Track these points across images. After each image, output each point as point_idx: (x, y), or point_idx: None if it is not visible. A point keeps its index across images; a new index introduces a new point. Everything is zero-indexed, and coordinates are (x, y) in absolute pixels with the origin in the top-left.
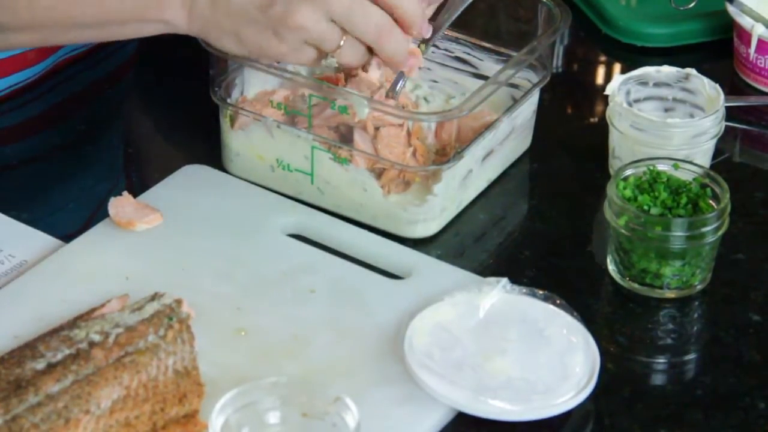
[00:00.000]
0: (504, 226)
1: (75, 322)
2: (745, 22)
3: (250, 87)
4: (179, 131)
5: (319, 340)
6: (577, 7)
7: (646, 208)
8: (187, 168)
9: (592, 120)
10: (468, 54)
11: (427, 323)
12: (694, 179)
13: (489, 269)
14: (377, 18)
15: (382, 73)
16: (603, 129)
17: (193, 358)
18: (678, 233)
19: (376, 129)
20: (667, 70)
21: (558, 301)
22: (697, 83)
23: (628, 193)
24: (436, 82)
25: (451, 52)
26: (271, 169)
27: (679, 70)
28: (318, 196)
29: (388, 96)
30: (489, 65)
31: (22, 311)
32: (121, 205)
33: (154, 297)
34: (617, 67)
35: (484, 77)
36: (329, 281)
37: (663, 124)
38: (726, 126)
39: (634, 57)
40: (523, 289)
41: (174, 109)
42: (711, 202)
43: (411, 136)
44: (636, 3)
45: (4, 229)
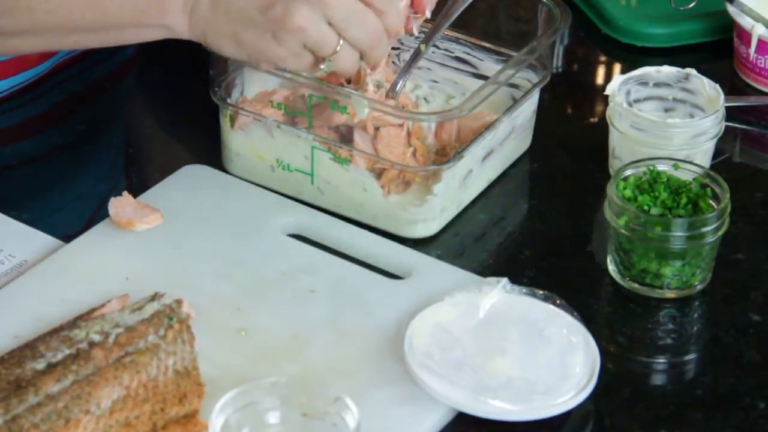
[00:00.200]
0: (504, 226)
1: (75, 322)
2: (745, 22)
3: (250, 87)
4: (179, 131)
5: (319, 340)
6: (577, 7)
7: (646, 208)
8: (187, 168)
9: (592, 120)
10: (468, 54)
11: (427, 323)
12: (694, 179)
13: (489, 269)
14: (373, 24)
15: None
16: (603, 129)
17: (193, 358)
18: (678, 233)
19: (376, 129)
20: (667, 70)
21: (558, 301)
22: (697, 83)
23: (628, 193)
24: (436, 82)
25: (451, 52)
26: (271, 169)
27: (679, 70)
28: (318, 196)
29: (388, 96)
30: (489, 65)
31: (22, 311)
32: (121, 205)
33: (154, 297)
34: (617, 67)
35: (484, 77)
36: (329, 281)
37: (663, 124)
38: (726, 126)
39: (634, 57)
40: (523, 289)
41: (174, 109)
42: (711, 202)
43: (411, 136)
44: (636, 3)
45: (4, 229)
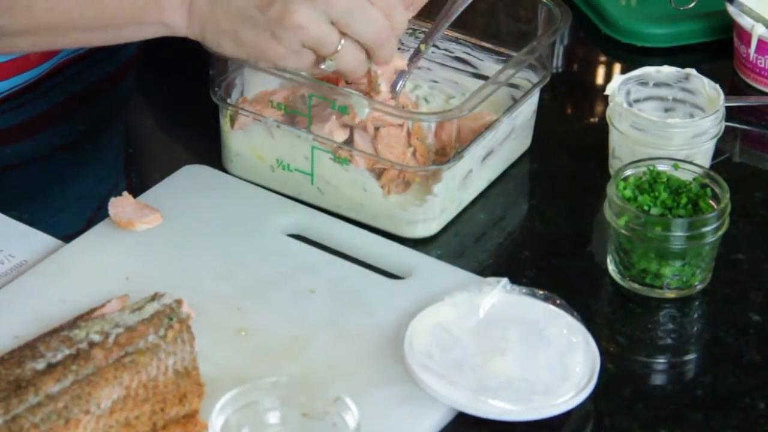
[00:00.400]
0: (504, 226)
1: (75, 322)
2: (745, 22)
3: (250, 87)
4: (179, 131)
5: (319, 340)
6: (577, 7)
7: (646, 208)
8: (187, 168)
9: (592, 120)
10: (468, 54)
11: (427, 323)
12: (694, 179)
13: (489, 269)
14: (378, 21)
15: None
16: (603, 129)
17: (193, 358)
18: (678, 233)
19: (376, 129)
20: (667, 70)
21: (558, 301)
22: (697, 83)
23: (628, 193)
24: (436, 82)
25: (451, 52)
26: (271, 169)
27: (679, 70)
28: (318, 196)
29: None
30: (489, 65)
31: (22, 311)
32: (121, 205)
33: (154, 297)
34: (617, 67)
35: (484, 77)
36: (329, 281)
37: (663, 124)
38: (726, 126)
39: (634, 57)
40: (523, 289)
41: (174, 109)
42: (711, 202)
43: (411, 136)
44: (636, 3)
45: (4, 229)
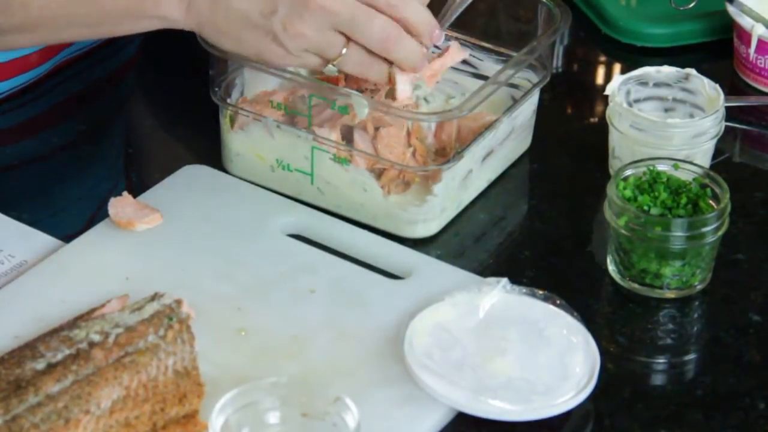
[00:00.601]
0: (504, 226)
1: (75, 322)
2: (745, 22)
3: (250, 87)
4: (179, 131)
5: (319, 340)
6: (577, 7)
7: (646, 208)
8: (187, 168)
9: (592, 120)
10: (468, 54)
11: (427, 323)
12: (694, 179)
13: (489, 269)
14: (382, 25)
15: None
16: (603, 129)
17: (193, 358)
18: (678, 233)
19: (376, 129)
20: (667, 70)
21: (558, 301)
22: (697, 83)
23: (628, 193)
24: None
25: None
26: (271, 169)
27: (679, 70)
28: (318, 196)
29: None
30: (489, 65)
31: (22, 311)
32: (121, 205)
33: (154, 297)
34: (617, 67)
35: (484, 77)
36: (329, 281)
37: (663, 125)
38: (726, 126)
39: (634, 57)
40: (523, 289)
41: (174, 110)
42: (711, 202)
43: (411, 136)
44: (636, 3)
45: (4, 229)
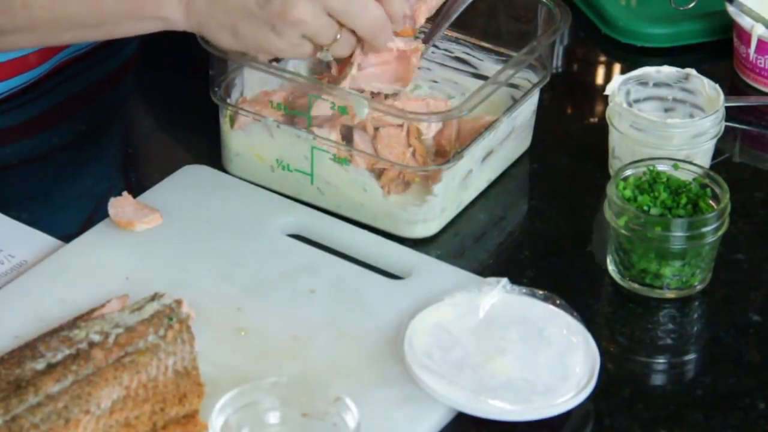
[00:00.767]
0: (504, 226)
1: (75, 322)
2: (745, 22)
3: (250, 87)
4: (179, 131)
5: (319, 340)
6: (577, 7)
7: (646, 208)
8: (187, 168)
9: (592, 120)
10: (468, 54)
11: (427, 323)
12: (694, 179)
13: (489, 269)
14: (374, 11)
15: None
16: (603, 129)
17: (193, 358)
18: (678, 233)
19: (376, 129)
20: (667, 70)
21: (558, 301)
22: (697, 83)
23: (628, 193)
24: (436, 82)
25: (451, 52)
26: (271, 169)
27: (679, 70)
28: (318, 196)
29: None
30: (489, 65)
31: (22, 311)
32: (121, 205)
33: (154, 297)
34: (617, 67)
35: (484, 77)
36: (329, 281)
37: (663, 125)
38: (726, 126)
39: (634, 57)
40: (523, 289)
41: (174, 110)
42: (711, 202)
43: (410, 136)
44: (636, 3)
45: (4, 229)
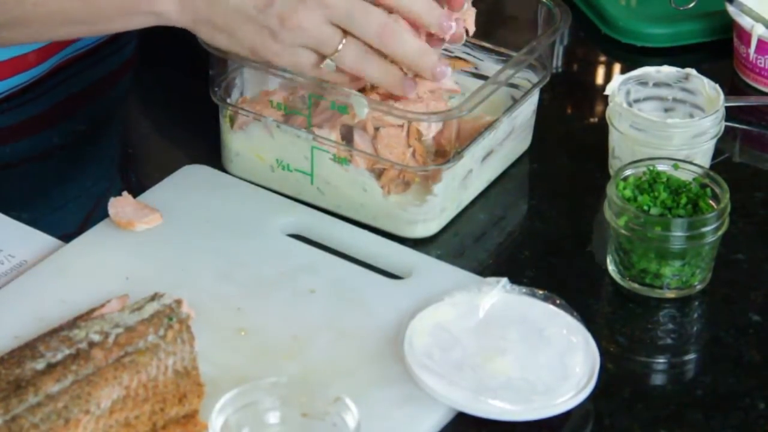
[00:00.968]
0: (504, 226)
1: (75, 322)
2: (745, 22)
3: (250, 87)
4: (179, 131)
5: (319, 340)
6: (577, 7)
7: (645, 208)
8: (187, 168)
9: (592, 120)
10: (468, 54)
11: (427, 323)
12: (694, 179)
13: (489, 269)
14: (378, 18)
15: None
16: (603, 129)
17: (193, 358)
18: (678, 233)
19: (376, 129)
20: (667, 70)
21: (558, 301)
22: (697, 83)
23: (628, 193)
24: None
25: (451, 52)
26: (271, 169)
27: (679, 70)
28: (318, 196)
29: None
30: (489, 65)
31: (22, 311)
32: (120, 205)
33: (154, 297)
34: (617, 67)
35: (484, 77)
36: (329, 281)
37: (663, 125)
38: (726, 126)
39: (634, 57)
40: (523, 289)
41: (174, 109)
42: (711, 202)
43: (410, 136)
44: (636, 3)
45: (4, 229)
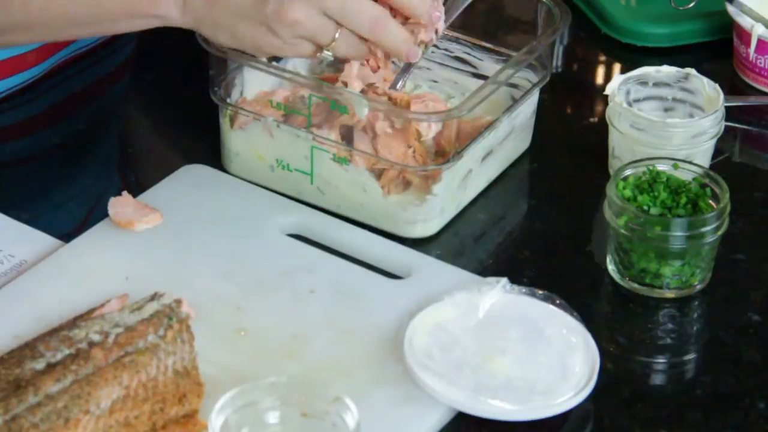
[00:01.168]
0: (504, 226)
1: (75, 322)
2: (745, 22)
3: (250, 87)
4: (179, 131)
5: (319, 340)
6: (577, 7)
7: (645, 208)
8: (187, 168)
9: (592, 120)
10: (468, 54)
11: (427, 323)
12: (694, 179)
13: (489, 269)
14: (371, 10)
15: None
16: (603, 129)
17: (193, 358)
18: (678, 233)
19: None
20: (666, 70)
21: (558, 301)
22: (696, 83)
23: (628, 193)
24: (436, 82)
25: (451, 52)
26: (271, 169)
27: (678, 70)
28: (318, 196)
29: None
30: (489, 65)
31: (22, 311)
32: (120, 205)
33: (154, 297)
34: (617, 67)
35: (484, 77)
36: (329, 281)
37: (663, 124)
38: (726, 126)
39: (634, 57)
40: (523, 289)
41: (174, 109)
42: (711, 202)
43: (410, 137)
44: (636, 3)
45: (3, 228)
